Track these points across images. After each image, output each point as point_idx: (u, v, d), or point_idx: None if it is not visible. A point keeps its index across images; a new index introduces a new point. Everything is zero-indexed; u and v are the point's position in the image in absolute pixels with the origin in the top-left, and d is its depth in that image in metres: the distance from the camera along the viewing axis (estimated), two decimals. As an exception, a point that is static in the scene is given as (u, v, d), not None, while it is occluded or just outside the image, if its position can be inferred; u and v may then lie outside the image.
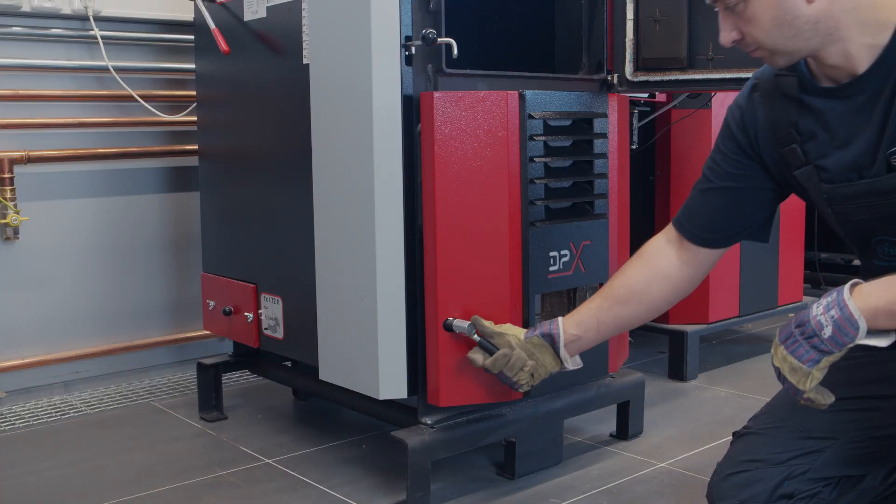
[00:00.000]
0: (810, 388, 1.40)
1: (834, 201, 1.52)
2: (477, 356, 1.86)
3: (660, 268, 1.75)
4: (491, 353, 1.85)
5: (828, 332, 1.36)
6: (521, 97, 1.94)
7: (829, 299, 1.38)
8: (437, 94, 1.86)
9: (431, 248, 1.90)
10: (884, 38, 1.39)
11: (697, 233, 1.71)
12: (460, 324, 1.89)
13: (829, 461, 1.63)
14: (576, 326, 1.80)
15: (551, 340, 1.81)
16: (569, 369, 1.84)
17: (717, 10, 1.47)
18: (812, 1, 1.37)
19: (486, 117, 1.90)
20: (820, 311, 1.38)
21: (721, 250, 1.73)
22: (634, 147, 2.60)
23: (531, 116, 1.96)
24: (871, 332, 1.36)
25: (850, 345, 1.37)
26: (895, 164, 1.41)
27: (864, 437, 1.62)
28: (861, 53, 1.41)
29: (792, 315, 1.49)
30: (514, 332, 1.86)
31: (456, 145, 1.88)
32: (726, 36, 1.46)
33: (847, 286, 1.38)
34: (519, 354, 1.82)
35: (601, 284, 1.97)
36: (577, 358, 1.85)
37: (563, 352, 1.81)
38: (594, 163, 2.11)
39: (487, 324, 1.87)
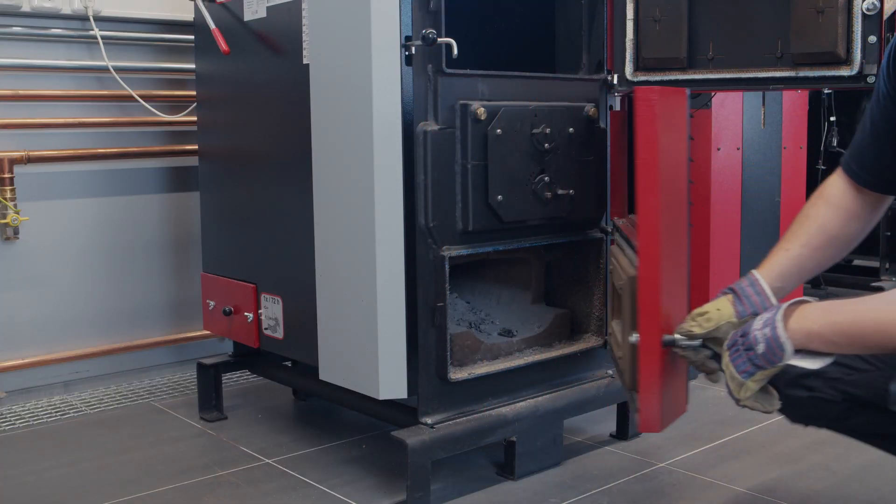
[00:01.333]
0: (745, 398, 1.44)
1: None
2: (714, 366, 1.60)
3: (849, 209, 1.71)
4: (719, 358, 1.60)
5: (761, 348, 1.40)
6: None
7: (767, 315, 1.41)
8: (652, 88, 1.68)
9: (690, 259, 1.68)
10: None
11: (867, 177, 1.69)
12: (684, 340, 1.57)
13: (858, 382, 1.55)
14: (779, 279, 1.66)
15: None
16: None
17: None
18: None
19: (678, 113, 1.76)
20: (758, 325, 1.41)
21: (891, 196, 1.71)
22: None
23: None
24: (805, 354, 1.38)
25: (781, 364, 1.40)
26: None
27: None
28: None
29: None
30: (724, 319, 1.61)
31: (665, 142, 1.67)
32: None
33: (785, 306, 1.41)
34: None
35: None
36: None
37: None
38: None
39: (694, 325, 1.60)
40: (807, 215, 1.75)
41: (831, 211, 1.74)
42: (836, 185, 1.75)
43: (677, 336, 1.59)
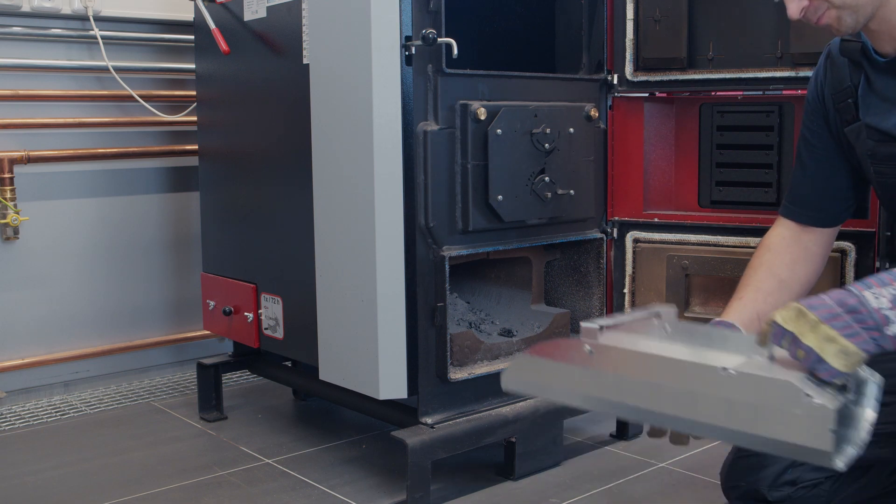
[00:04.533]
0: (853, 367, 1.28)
1: (876, 159, 1.59)
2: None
3: (792, 253, 1.75)
4: None
5: (894, 329, 1.26)
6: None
7: (894, 291, 1.27)
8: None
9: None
10: None
11: (811, 214, 1.74)
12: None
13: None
14: (741, 325, 1.67)
15: None
16: None
17: None
18: None
19: None
20: (885, 303, 1.26)
21: (838, 228, 1.76)
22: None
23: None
24: None
25: None
26: None
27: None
28: None
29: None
30: None
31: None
32: (794, 8, 1.53)
33: None
34: None
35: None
36: None
37: None
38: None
39: None
40: (752, 266, 1.77)
41: (775, 257, 1.76)
42: (777, 233, 1.79)
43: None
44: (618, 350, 1.31)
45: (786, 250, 1.76)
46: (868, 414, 1.25)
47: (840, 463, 1.18)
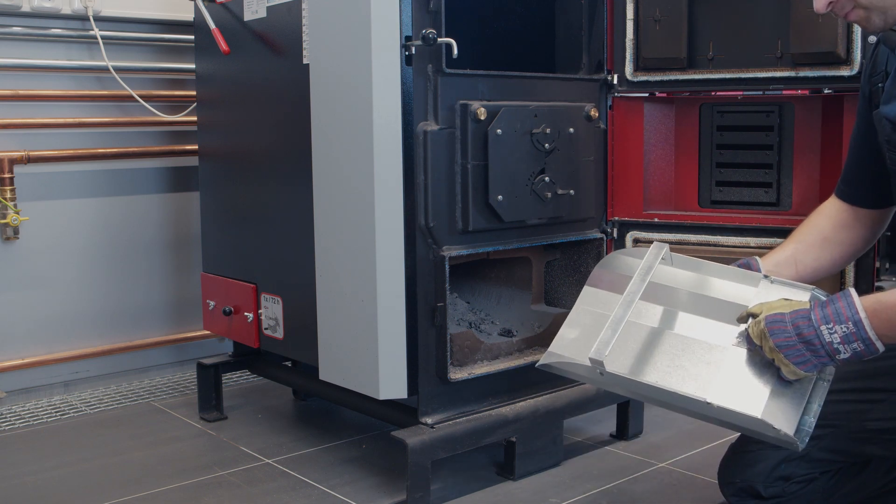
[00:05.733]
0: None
1: (891, 146, 1.62)
2: None
3: (839, 219, 1.80)
4: None
5: (845, 356, 1.46)
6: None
7: (846, 330, 1.44)
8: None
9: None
10: None
11: (854, 193, 1.79)
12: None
13: (826, 448, 1.69)
14: (773, 264, 1.77)
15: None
16: None
17: None
18: None
19: None
20: (837, 339, 1.45)
21: (884, 210, 1.79)
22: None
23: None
24: None
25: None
26: None
27: (861, 428, 1.67)
28: None
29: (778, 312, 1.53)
30: None
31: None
32: (821, 2, 1.56)
33: (864, 318, 1.43)
34: None
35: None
36: None
37: None
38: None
39: None
40: (802, 224, 1.86)
41: (823, 218, 1.83)
42: (829, 203, 1.85)
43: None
44: (625, 379, 1.60)
45: (834, 215, 1.81)
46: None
47: (802, 448, 1.50)
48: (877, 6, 1.54)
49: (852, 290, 1.48)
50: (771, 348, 1.49)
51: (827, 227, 1.81)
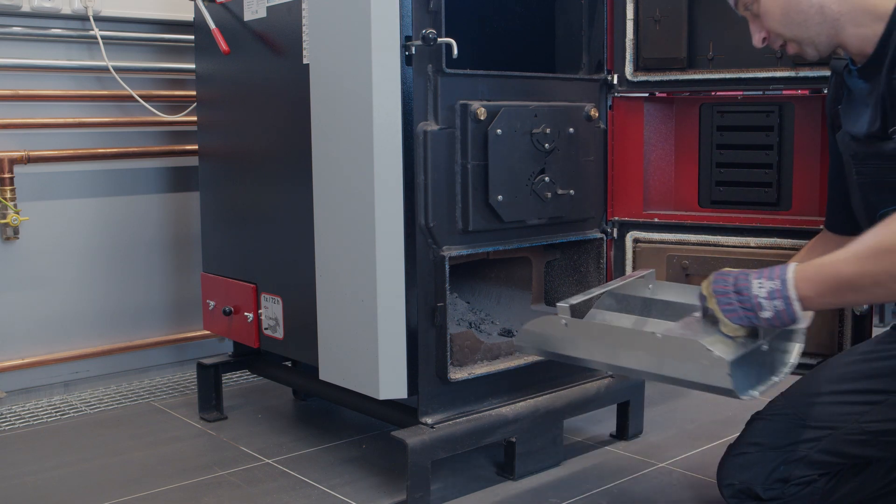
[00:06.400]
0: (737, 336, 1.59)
1: (857, 160, 1.67)
2: None
3: (828, 251, 1.79)
4: None
5: (767, 314, 1.52)
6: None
7: (772, 286, 1.51)
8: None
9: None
10: (880, 28, 1.58)
11: (832, 222, 1.86)
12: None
13: (824, 450, 1.70)
14: None
15: None
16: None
17: (745, 17, 1.74)
18: None
19: None
20: (763, 293, 1.52)
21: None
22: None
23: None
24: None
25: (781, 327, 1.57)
26: (891, 135, 1.57)
27: (861, 430, 1.67)
28: (868, 38, 1.59)
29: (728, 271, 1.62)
30: None
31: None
32: (756, 38, 1.70)
33: (791, 278, 1.49)
34: None
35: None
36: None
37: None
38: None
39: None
40: (803, 250, 1.93)
41: (813, 255, 1.83)
42: (819, 237, 1.94)
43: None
44: (586, 323, 1.81)
45: (820, 247, 1.85)
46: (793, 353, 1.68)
47: (744, 397, 1.56)
48: (803, 38, 1.63)
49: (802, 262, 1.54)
50: (709, 294, 1.58)
51: (827, 244, 1.85)
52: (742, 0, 1.71)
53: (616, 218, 2.38)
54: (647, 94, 2.37)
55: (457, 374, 2.03)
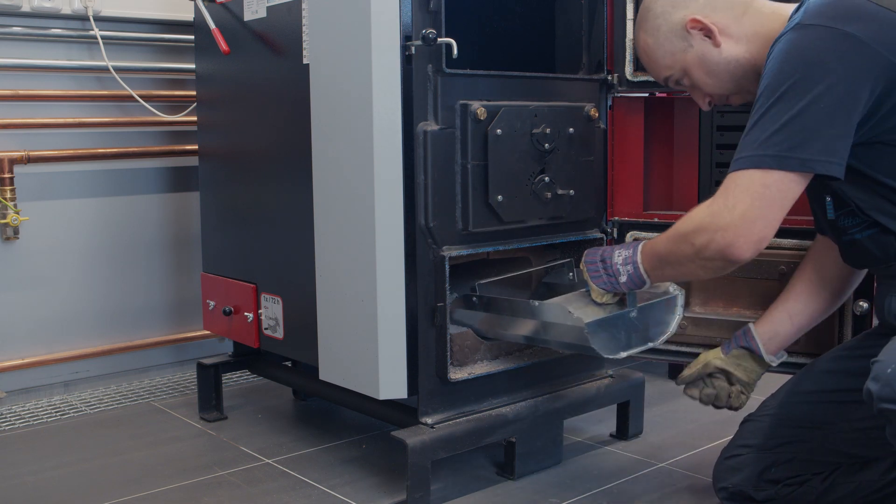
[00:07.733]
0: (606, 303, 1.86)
1: None
2: (693, 392, 1.93)
3: (826, 259, 1.85)
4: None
5: (623, 279, 1.78)
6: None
7: (626, 254, 1.76)
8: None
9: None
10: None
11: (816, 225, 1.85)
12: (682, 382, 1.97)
13: (814, 450, 1.70)
14: (769, 324, 1.87)
15: (750, 349, 1.86)
16: (775, 365, 1.89)
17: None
18: (718, 46, 1.69)
19: None
20: (620, 261, 1.77)
21: None
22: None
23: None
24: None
25: (636, 290, 1.81)
26: None
27: (851, 429, 1.67)
28: None
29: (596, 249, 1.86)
30: (711, 357, 1.90)
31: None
32: (702, 103, 1.81)
33: (639, 250, 1.74)
34: (721, 386, 1.88)
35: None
36: (782, 352, 1.89)
37: (765, 356, 1.86)
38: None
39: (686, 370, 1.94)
40: (792, 278, 1.93)
41: (809, 261, 1.90)
42: (814, 243, 1.93)
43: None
44: (490, 299, 2.07)
45: (818, 256, 1.87)
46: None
47: (609, 356, 1.84)
48: (740, 89, 1.74)
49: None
50: (583, 267, 1.84)
51: (811, 270, 1.87)
52: (671, 78, 1.78)
53: (616, 218, 2.38)
54: (647, 94, 2.36)
55: (457, 374, 2.03)
